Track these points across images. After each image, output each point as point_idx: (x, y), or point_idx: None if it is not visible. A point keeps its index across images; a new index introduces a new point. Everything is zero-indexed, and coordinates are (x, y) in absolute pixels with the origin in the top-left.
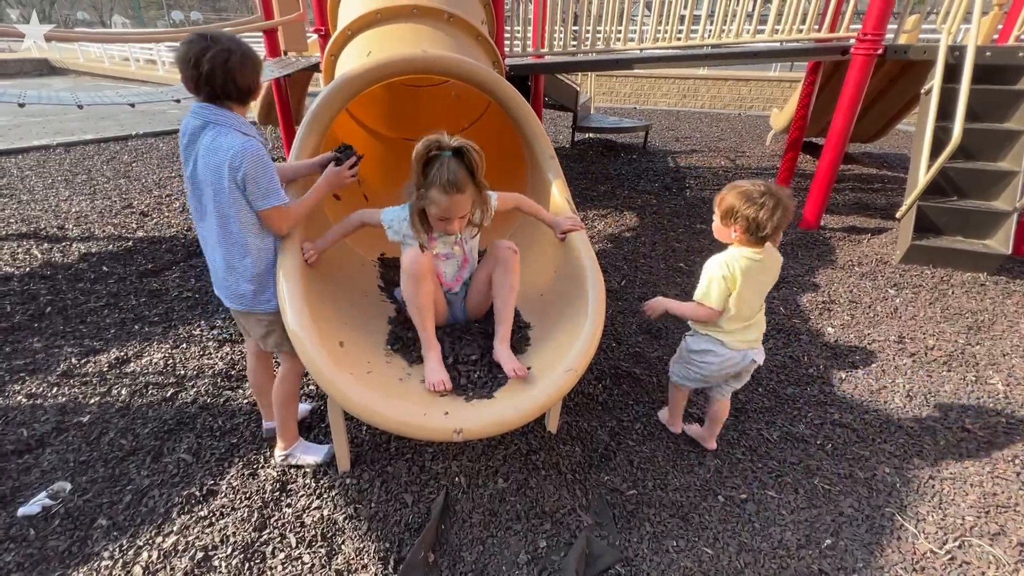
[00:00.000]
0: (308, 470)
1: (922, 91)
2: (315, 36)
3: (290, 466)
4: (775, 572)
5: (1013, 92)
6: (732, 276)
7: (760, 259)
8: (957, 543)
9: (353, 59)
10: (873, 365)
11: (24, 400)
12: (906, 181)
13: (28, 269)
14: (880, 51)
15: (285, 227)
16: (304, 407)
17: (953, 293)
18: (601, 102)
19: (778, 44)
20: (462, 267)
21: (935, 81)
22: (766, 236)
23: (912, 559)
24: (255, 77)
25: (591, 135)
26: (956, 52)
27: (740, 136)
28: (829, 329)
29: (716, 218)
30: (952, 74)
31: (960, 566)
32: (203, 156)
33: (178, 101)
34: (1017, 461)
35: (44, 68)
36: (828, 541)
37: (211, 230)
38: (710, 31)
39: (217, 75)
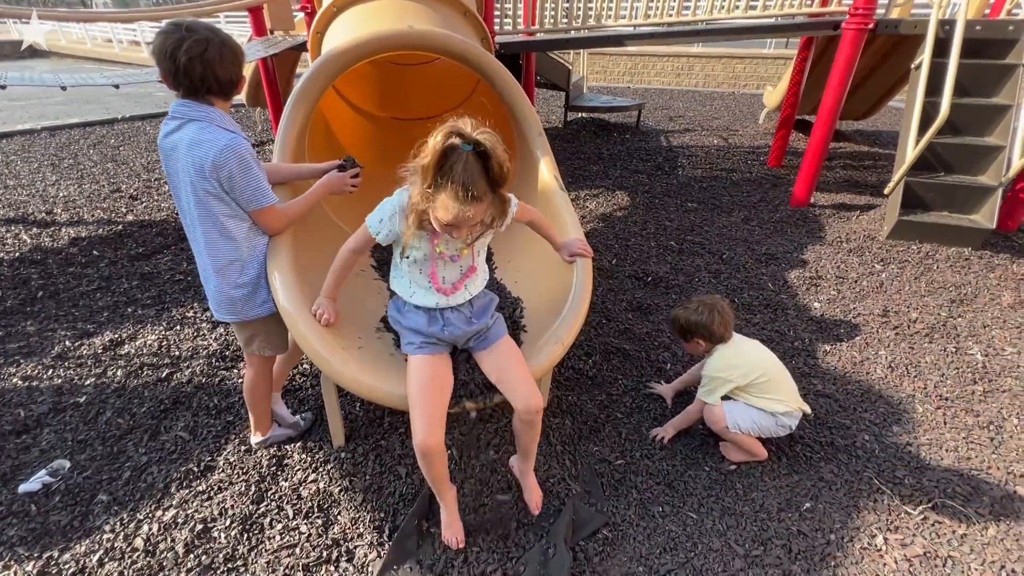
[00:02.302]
0: (300, 446)
1: (912, 66)
2: (301, 15)
3: (280, 443)
4: (756, 534)
5: (1001, 66)
6: (728, 377)
7: (731, 347)
8: (931, 504)
9: (339, 36)
10: (857, 338)
11: (20, 382)
12: (895, 158)
13: (18, 254)
14: (871, 26)
15: (280, 226)
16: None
17: (938, 267)
18: (594, 81)
19: (771, 20)
20: (466, 273)
21: (925, 56)
22: (724, 337)
23: (888, 520)
24: (236, 68)
25: (584, 115)
26: (946, 26)
27: (733, 115)
28: (815, 304)
29: (683, 343)
30: (942, 49)
31: (933, 525)
32: (185, 152)
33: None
34: (991, 427)
35: (25, 51)
36: (807, 505)
37: (197, 233)
38: (703, 7)
39: (195, 68)
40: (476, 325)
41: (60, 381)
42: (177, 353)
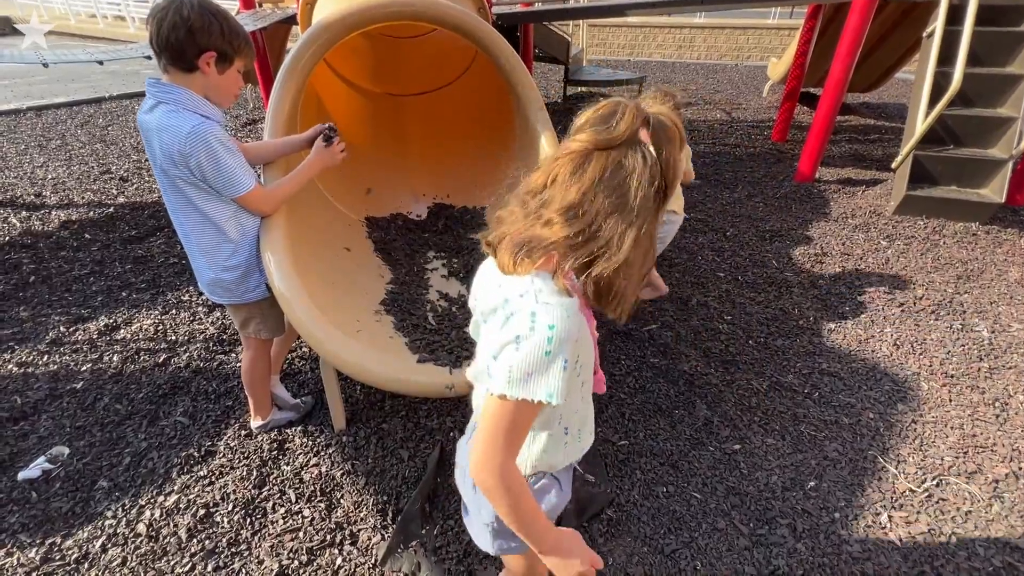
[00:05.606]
0: (301, 430)
1: (924, 35)
2: None
3: (281, 427)
4: (760, 513)
5: (1015, 34)
6: None
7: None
8: (935, 482)
9: (330, 6)
10: (862, 315)
11: (15, 369)
12: (903, 131)
13: (7, 238)
14: None
15: (268, 208)
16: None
17: (944, 243)
18: (594, 54)
19: None
20: None
21: (938, 23)
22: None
23: (892, 497)
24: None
25: (584, 89)
26: None
27: (737, 88)
28: (821, 281)
29: None
30: (955, 16)
31: (937, 503)
32: (154, 137)
33: (149, 58)
34: (996, 404)
35: (6, 28)
36: (812, 483)
37: (179, 217)
38: None
39: (173, 37)
40: None
41: (56, 367)
42: (174, 337)
